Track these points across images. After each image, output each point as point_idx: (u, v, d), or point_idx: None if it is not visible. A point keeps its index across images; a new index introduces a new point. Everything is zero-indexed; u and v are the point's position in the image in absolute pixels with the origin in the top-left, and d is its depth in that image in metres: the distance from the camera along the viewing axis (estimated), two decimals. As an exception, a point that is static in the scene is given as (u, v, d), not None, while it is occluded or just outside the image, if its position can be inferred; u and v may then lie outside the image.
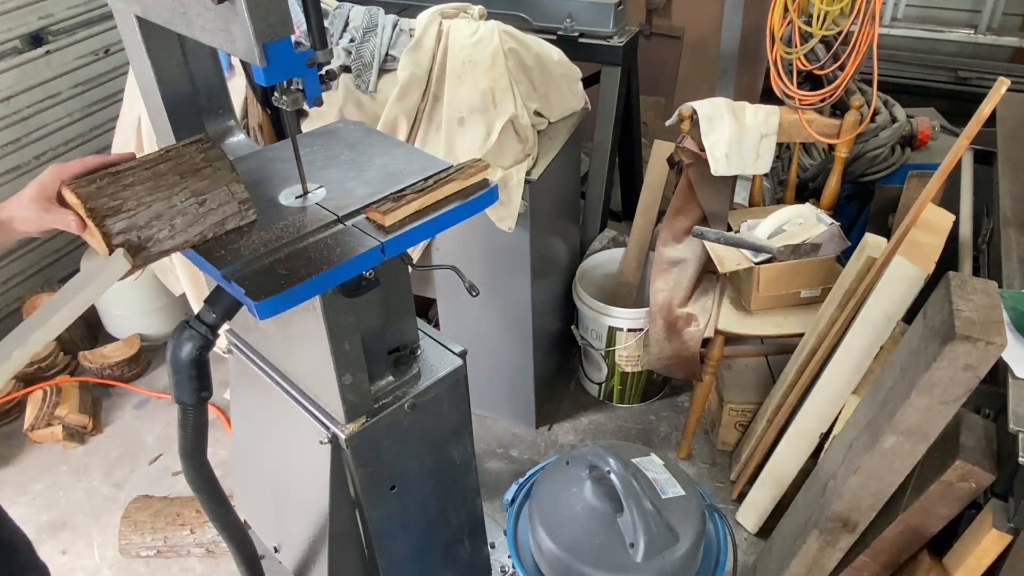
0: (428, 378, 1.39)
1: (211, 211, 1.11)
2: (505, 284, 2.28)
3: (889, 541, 1.56)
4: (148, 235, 1.06)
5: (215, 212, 1.11)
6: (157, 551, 2.22)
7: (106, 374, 2.80)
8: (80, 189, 1.03)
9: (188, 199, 1.08)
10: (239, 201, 1.13)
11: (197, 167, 1.11)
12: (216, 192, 1.11)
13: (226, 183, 1.12)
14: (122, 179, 1.07)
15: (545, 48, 2.12)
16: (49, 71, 2.84)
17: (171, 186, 1.08)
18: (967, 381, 1.34)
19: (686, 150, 2.23)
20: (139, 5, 1.19)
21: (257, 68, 1.04)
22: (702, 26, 3.35)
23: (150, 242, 1.06)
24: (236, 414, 1.65)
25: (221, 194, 1.11)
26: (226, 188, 1.12)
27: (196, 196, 1.09)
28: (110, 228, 1.03)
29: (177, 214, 1.08)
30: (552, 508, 1.57)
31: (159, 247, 1.07)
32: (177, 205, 1.08)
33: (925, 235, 1.75)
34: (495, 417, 2.65)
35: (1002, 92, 1.61)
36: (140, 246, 1.05)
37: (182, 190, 1.08)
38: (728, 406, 2.37)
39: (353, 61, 2.12)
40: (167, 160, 1.11)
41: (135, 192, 1.06)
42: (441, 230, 1.19)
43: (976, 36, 3.22)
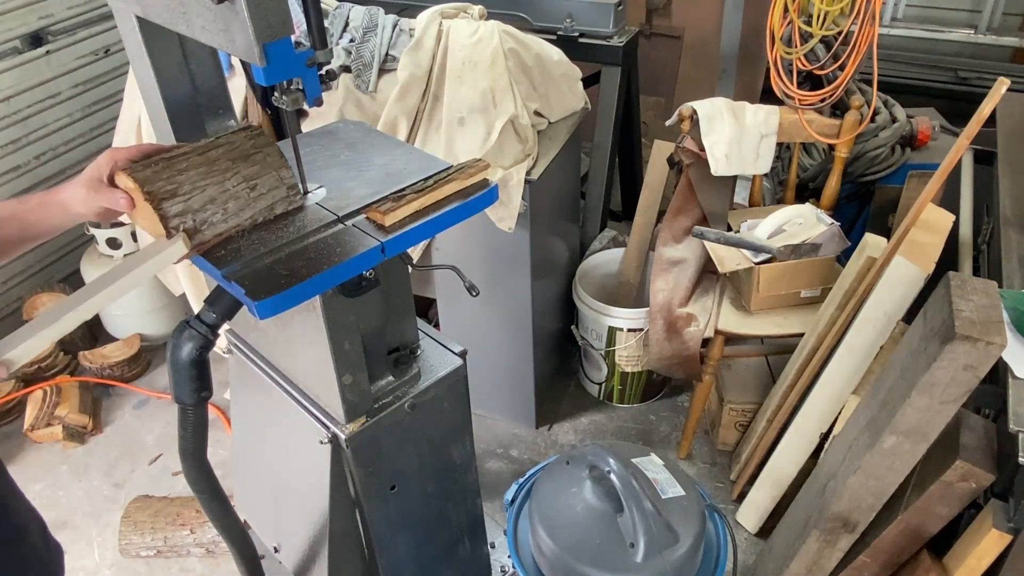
0: (428, 378, 1.39)
1: (261, 196, 1.14)
2: (505, 284, 2.28)
3: (889, 541, 1.56)
4: (203, 218, 1.09)
5: (265, 197, 1.14)
6: (157, 551, 2.22)
7: (106, 374, 2.80)
8: (136, 173, 1.07)
9: (240, 184, 1.12)
10: (287, 187, 1.17)
11: (247, 153, 1.15)
12: (266, 177, 1.14)
13: (275, 169, 1.15)
14: (176, 164, 1.10)
15: (545, 48, 2.12)
16: (49, 71, 2.84)
17: (223, 171, 1.11)
18: (967, 381, 1.34)
19: (686, 150, 2.23)
20: (139, 5, 1.19)
21: (257, 68, 1.04)
22: (702, 26, 3.35)
23: (204, 225, 1.09)
24: (236, 414, 1.65)
25: (271, 179, 1.15)
26: (275, 174, 1.15)
27: (247, 181, 1.13)
28: (167, 211, 1.06)
29: (230, 198, 1.11)
30: (552, 508, 1.57)
31: (213, 230, 1.10)
32: (230, 189, 1.11)
33: (925, 235, 1.75)
34: (495, 417, 2.65)
35: (1002, 92, 1.61)
36: (195, 229, 1.09)
37: (234, 175, 1.12)
38: (728, 406, 2.37)
39: (353, 61, 2.12)
40: (218, 146, 1.14)
41: (189, 177, 1.09)
42: (441, 230, 1.19)
43: (976, 36, 3.22)
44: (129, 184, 1.08)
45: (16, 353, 0.95)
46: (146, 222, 1.10)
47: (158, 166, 1.09)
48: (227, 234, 1.12)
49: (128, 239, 2.79)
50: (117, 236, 2.77)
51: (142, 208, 1.08)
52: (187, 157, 1.12)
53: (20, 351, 0.96)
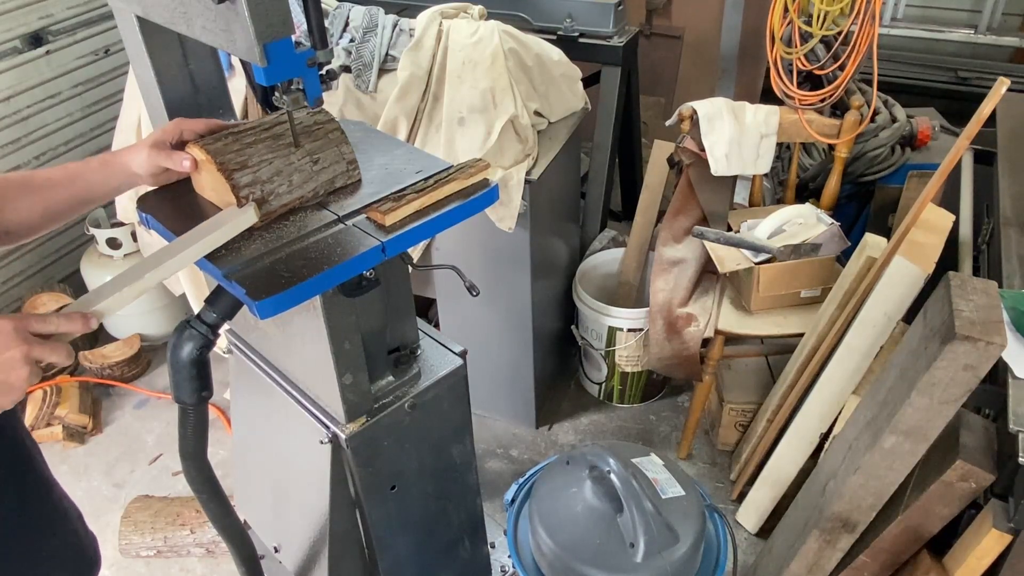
0: (428, 378, 1.39)
1: (323, 169, 1.19)
2: (505, 284, 2.28)
3: (889, 541, 1.56)
4: (270, 189, 1.14)
5: (327, 171, 1.20)
6: (157, 551, 2.22)
7: (106, 374, 2.80)
8: (208, 145, 1.13)
9: (303, 158, 1.17)
10: (347, 161, 1.22)
11: (310, 129, 1.19)
12: (328, 152, 1.20)
13: (336, 144, 1.21)
14: (244, 138, 1.16)
15: (545, 48, 2.12)
16: (49, 71, 2.84)
17: (288, 146, 1.16)
18: (967, 381, 1.34)
19: (686, 150, 2.23)
20: (139, 5, 1.19)
21: (258, 68, 1.04)
22: (702, 26, 3.35)
23: (271, 195, 1.14)
24: (236, 414, 1.65)
25: (332, 154, 1.20)
26: (336, 149, 1.21)
27: (311, 155, 1.18)
28: (238, 181, 1.11)
29: (294, 171, 1.16)
30: (552, 508, 1.57)
31: (279, 201, 1.15)
32: (294, 163, 1.16)
33: (925, 235, 1.75)
34: (495, 417, 2.65)
35: (1002, 92, 1.61)
36: (263, 199, 1.14)
37: (298, 149, 1.17)
38: (728, 406, 2.37)
39: (353, 61, 2.12)
40: (282, 123, 1.19)
41: (257, 150, 1.15)
42: (441, 230, 1.19)
43: (976, 36, 3.22)
44: (200, 155, 1.13)
45: (104, 305, 0.98)
46: (211, 192, 1.17)
47: (228, 139, 1.15)
48: (291, 205, 1.17)
49: (128, 239, 2.79)
50: (117, 236, 2.78)
51: (207, 178, 1.15)
52: (254, 132, 1.17)
53: (108, 303, 0.99)
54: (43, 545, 1.15)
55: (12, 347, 0.85)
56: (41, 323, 0.90)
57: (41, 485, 1.17)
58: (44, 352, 0.88)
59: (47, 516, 1.17)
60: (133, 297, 1.02)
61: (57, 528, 1.19)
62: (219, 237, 1.10)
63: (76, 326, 0.94)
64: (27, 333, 0.87)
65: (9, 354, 0.85)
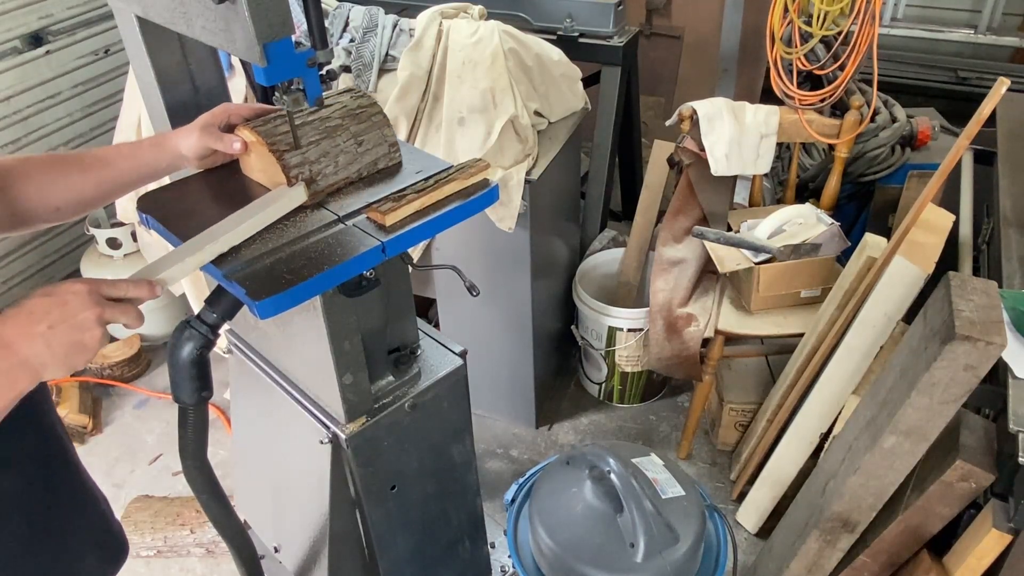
0: (428, 378, 1.39)
1: (367, 151, 1.24)
2: (505, 284, 2.28)
3: (889, 541, 1.56)
4: (318, 169, 1.18)
5: (370, 152, 1.24)
6: (157, 551, 2.22)
7: (106, 374, 2.80)
8: (259, 127, 1.18)
9: (348, 140, 1.22)
10: (389, 144, 1.26)
11: (354, 112, 1.24)
12: (372, 135, 1.24)
13: (379, 127, 1.25)
14: None
15: (545, 48, 2.12)
16: (49, 71, 2.84)
17: (334, 128, 1.21)
18: (967, 381, 1.34)
19: (686, 150, 2.23)
20: (139, 5, 1.20)
21: (258, 68, 1.04)
22: (702, 26, 3.35)
23: (319, 176, 1.19)
24: (236, 414, 1.65)
25: (375, 136, 1.24)
26: (379, 132, 1.25)
27: (355, 138, 1.22)
28: (288, 161, 1.16)
29: (340, 152, 1.21)
30: (552, 508, 1.57)
31: (326, 181, 1.20)
32: (340, 145, 1.21)
33: (925, 235, 1.75)
34: (495, 417, 2.65)
35: (1002, 92, 1.61)
36: (311, 179, 1.18)
37: (344, 131, 1.21)
38: (728, 406, 2.37)
39: (353, 61, 2.12)
40: (328, 105, 1.23)
41: (305, 132, 1.18)
42: (441, 230, 1.19)
43: (976, 36, 3.22)
44: (251, 137, 1.18)
45: (168, 274, 1.02)
46: (260, 173, 1.21)
47: (276, 122, 1.19)
48: (337, 185, 1.21)
49: (128, 239, 2.79)
50: (117, 236, 2.77)
51: (257, 160, 1.20)
52: (301, 115, 1.20)
53: (171, 272, 1.02)
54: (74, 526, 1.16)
55: (87, 308, 0.87)
56: (111, 287, 0.93)
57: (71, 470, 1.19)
58: (116, 314, 0.91)
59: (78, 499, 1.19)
60: (194, 267, 1.06)
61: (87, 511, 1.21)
62: (272, 213, 1.14)
63: (143, 292, 0.97)
64: (100, 296, 0.90)
65: (84, 315, 0.87)
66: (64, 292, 0.87)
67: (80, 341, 0.87)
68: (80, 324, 0.87)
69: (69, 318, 0.86)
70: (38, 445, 1.10)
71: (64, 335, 0.86)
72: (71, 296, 0.87)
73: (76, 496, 1.19)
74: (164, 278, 1.01)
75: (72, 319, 0.86)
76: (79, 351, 0.87)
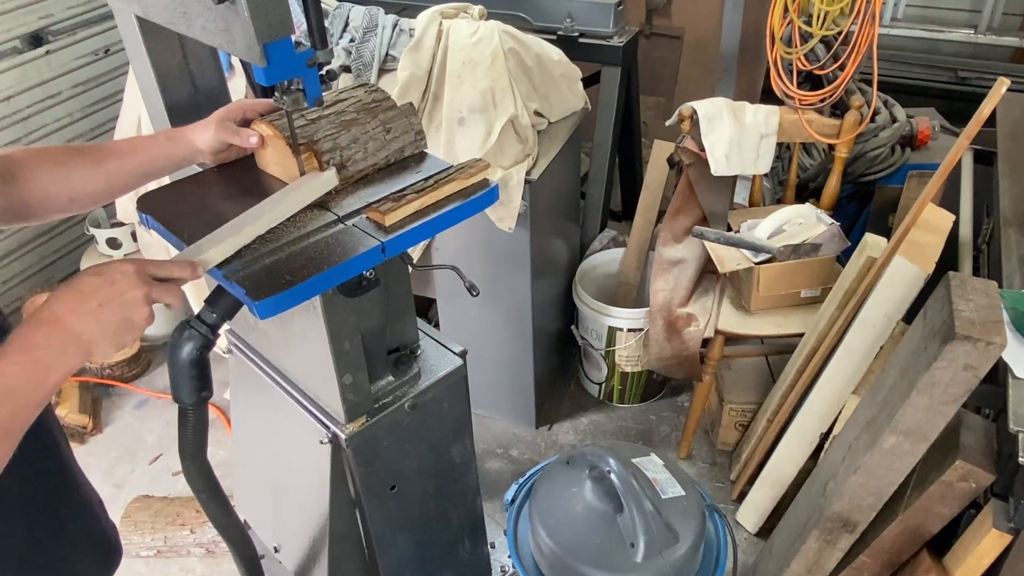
0: (428, 378, 1.39)
1: (395, 138, 1.26)
2: (505, 284, 2.28)
3: (889, 541, 1.56)
4: (348, 155, 1.21)
5: (398, 140, 1.26)
6: (157, 551, 2.22)
7: (106, 374, 2.80)
8: (276, 122, 1.19)
9: (378, 127, 1.24)
10: (415, 132, 1.28)
11: (368, 106, 1.25)
12: (399, 122, 1.26)
13: (406, 116, 1.27)
14: (307, 115, 1.21)
15: (545, 48, 2.12)
16: (49, 71, 2.84)
17: (350, 122, 1.22)
18: (967, 381, 1.34)
19: (686, 150, 2.23)
20: (139, 5, 1.19)
21: (258, 68, 1.04)
22: (702, 26, 3.35)
23: (349, 161, 1.21)
24: (236, 414, 1.65)
25: (402, 124, 1.27)
26: (406, 120, 1.27)
27: (383, 125, 1.25)
28: (320, 147, 1.18)
29: (369, 139, 1.23)
30: (552, 508, 1.57)
31: (355, 167, 1.22)
32: (369, 131, 1.23)
33: (925, 235, 1.75)
34: (495, 417, 2.65)
35: (1002, 92, 1.61)
36: (342, 164, 1.20)
37: (372, 119, 1.23)
38: (728, 406, 2.37)
39: (353, 61, 2.12)
40: (342, 100, 1.25)
41: (322, 125, 1.20)
42: (441, 230, 1.19)
43: (976, 36, 3.22)
44: (268, 131, 1.19)
45: (208, 256, 1.04)
46: (276, 166, 1.23)
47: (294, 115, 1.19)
48: (366, 171, 1.23)
49: (128, 239, 2.79)
50: (117, 236, 2.78)
51: (273, 154, 1.21)
52: (317, 110, 1.21)
53: (212, 254, 1.04)
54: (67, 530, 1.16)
55: (135, 287, 0.90)
56: (157, 268, 0.96)
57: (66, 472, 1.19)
58: (162, 294, 0.94)
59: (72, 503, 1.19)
60: (233, 249, 1.07)
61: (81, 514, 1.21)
62: (306, 195, 1.16)
63: (187, 272, 1.00)
64: (147, 275, 0.93)
65: (133, 294, 0.90)
66: (113, 271, 0.90)
67: (129, 318, 0.90)
68: (129, 302, 0.90)
69: (118, 296, 0.89)
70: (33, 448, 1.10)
71: (114, 312, 0.89)
72: (120, 275, 0.90)
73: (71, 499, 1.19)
74: (206, 259, 1.03)
75: (121, 297, 0.89)
76: (128, 328, 0.90)
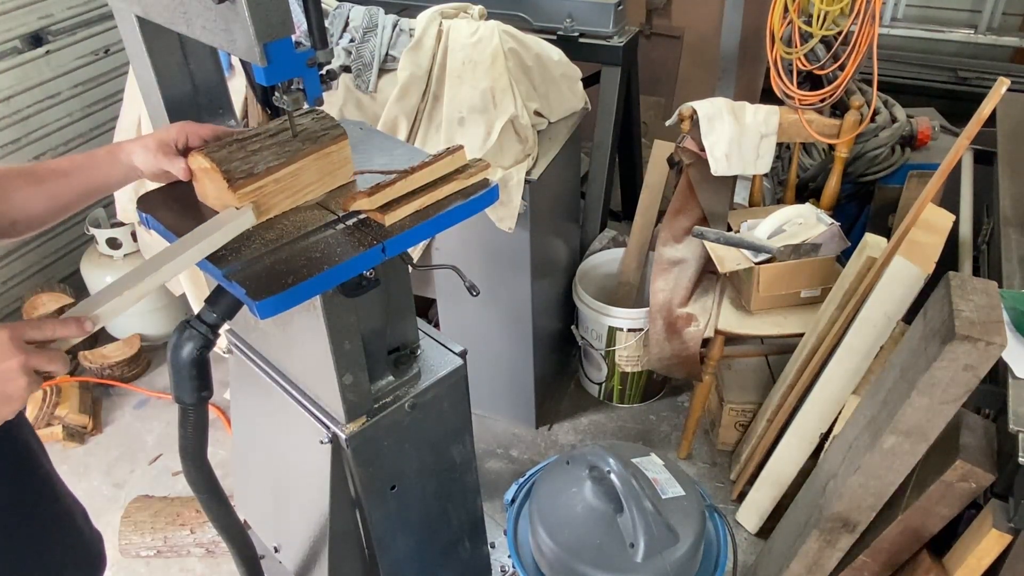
0: (428, 378, 1.39)
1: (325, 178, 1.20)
2: (505, 284, 2.28)
3: (889, 541, 1.56)
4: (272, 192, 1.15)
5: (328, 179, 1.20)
6: (157, 551, 2.22)
7: (106, 374, 2.80)
8: (213, 154, 1.13)
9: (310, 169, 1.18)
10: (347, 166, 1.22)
11: (316, 135, 1.19)
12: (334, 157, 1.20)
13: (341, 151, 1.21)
14: (248, 145, 1.17)
15: (545, 48, 2.12)
16: (49, 71, 2.84)
17: (295, 152, 1.16)
18: (967, 381, 1.34)
19: (686, 150, 2.23)
20: (139, 5, 1.19)
21: (258, 68, 1.04)
22: (702, 26, 3.35)
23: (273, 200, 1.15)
24: (236, 414, 1.65)
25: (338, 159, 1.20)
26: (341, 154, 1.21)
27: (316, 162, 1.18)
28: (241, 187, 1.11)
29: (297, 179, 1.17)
30: (552, 508, 1.57)
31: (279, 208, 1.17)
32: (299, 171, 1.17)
33: (925, 235, 1.75)
34: (495, 417, 2.65)
35: (1002, 92, 1.61)
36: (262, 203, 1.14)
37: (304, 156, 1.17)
38: (728, 406, 2.37)
39: (353, 61, 2.12)
40: (287, 129, 1.20)
41: (263, 157, 1.15)
42: (441, 230, 1.19)
43: (976, 36, 3.22)
44: (204, 164, 1.13)
45: (103, 310, 0.98)
46: (214, 199, 1.17)
47: (232, 147, 1.16)
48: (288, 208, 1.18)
49: (128, 239, 2.79)
50: (117, 236, 2.77)
51: (211, 186, 1.16)
52: (259, 139, 1.18)
53: (107, 308, 0.98)
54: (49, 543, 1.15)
55: (9, 357, 0.84)
56: (36, 330, 0.89)
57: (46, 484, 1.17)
58: (41, 361, 0.87)
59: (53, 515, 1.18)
60: (133, 302, 1.02)
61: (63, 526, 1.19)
62: (218, 239, 1.09)
63: (72, 331, 0.93)
64: (22, 342, 0.86)
65: (6, 365, 0.84)
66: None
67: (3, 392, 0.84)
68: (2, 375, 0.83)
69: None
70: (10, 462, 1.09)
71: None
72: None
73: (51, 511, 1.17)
74: (98, 315, 0.97)
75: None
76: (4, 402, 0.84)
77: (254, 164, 1.13)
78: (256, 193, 1.13)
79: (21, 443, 1.11)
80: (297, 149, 1.17)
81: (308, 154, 1.17)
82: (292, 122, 1.17)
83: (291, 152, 1.16)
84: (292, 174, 1.16)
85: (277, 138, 1.18)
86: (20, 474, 1.11)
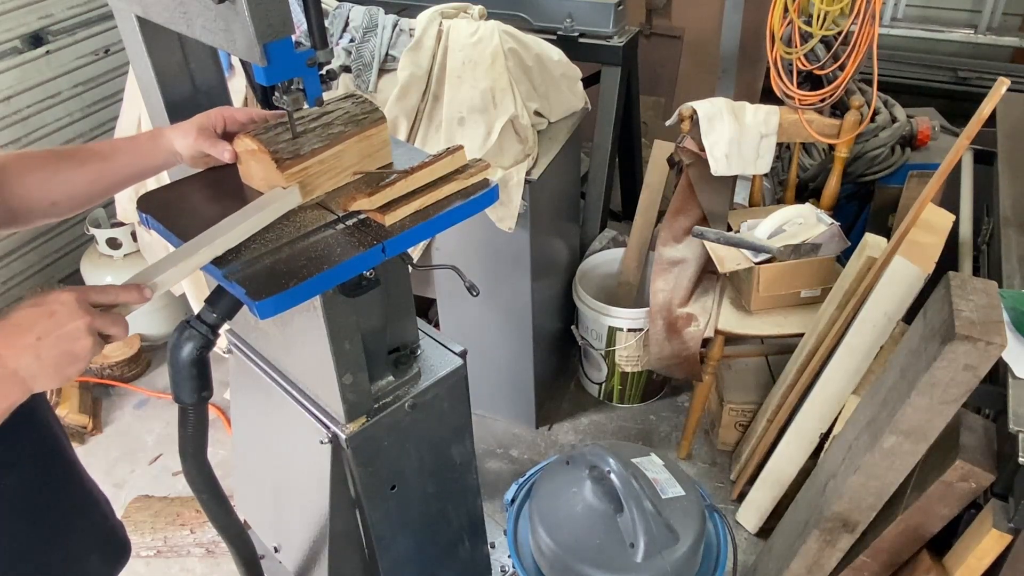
0: (428, 378, 1.39)
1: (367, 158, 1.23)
2: (505, 284, 2.28)
3: (889, 541, 1.56)
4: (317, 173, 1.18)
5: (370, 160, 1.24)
6: (157, 551, 2.22)
7: (106, 374, 2.80)
8: (260, 135, 1.17)
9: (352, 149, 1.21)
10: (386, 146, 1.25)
11: (357, 119, 1.23)
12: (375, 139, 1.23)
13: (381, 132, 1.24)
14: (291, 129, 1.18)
15: (545, 48, 2.12)
16: (49, 71, 2.84)
17: (337, 134, 1.20)
18: (967, 381, 1.34)
19: (686, 150, 2.23)
20: (139, 5, 1.20)
21: (258, 68, 1.04)
22: (702, 26, 3.35)
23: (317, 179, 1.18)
24: (236, 414, 1.65)
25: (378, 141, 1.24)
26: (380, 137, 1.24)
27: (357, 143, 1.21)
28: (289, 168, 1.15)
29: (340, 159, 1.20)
30: (552, 508, 1.57)
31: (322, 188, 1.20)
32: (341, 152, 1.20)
33: (925, 235, 1.75)
34: (495, 417, 2.65)
35: (1002, 92, 1.61)
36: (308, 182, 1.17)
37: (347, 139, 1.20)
38: (728, 406, 2.37)
39: (353, 61, 2.12)
40: (330, 112, 1.23)
41: (308, 139, 1.18)
42: (441, 230, 1.19)
43: (976, 36, 3.22)
44: (252, 146, 1.16)
45: (163, 278, 1.01)
46: (260, 180, 1.20)
47: (277, 129, 1.19)
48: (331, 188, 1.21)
49: (128, 239, 2.79)
50: (117, 236, 2.77)
51: (257, 167, 1.19)
52: (303, 123, 1.20)
53: (165, 277, 1.01)
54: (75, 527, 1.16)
55: (76, 318, 0.86)
56: (101, 294, 0.92)
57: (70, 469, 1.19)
58: (105, 323, 0.90)
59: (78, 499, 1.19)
60: (189, 271, 1.05)
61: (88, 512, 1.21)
62: (267, 216, 1.13)
63: (134, 296, 0.96)
64: (88, 304, 0.89)
65: (73, 325, 0.86)
66: (52, 302, 0.86)
67: (70, 351, 0.86)
68: (69, 334, 0.85)
69: (57, 328, 0.84)
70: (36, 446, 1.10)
71: (53, 346, 0.84)
72: (59, 306, 0.85)
73: (76, 496, 1.19)
74: (158, 282, 1.00)
75: (60, 329, 0.84)
76: (70, 361, 0.86)
77: (300, 146, 1.16)
78: (302, 173, 1.16)
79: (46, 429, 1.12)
80: (340, 132, 1.20)
81: (350, 136, 1.20)
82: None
83: (334, 135, 1.20)
84: (335, 155, 1.19)
85: (320, 121, 1.22)
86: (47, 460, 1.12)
